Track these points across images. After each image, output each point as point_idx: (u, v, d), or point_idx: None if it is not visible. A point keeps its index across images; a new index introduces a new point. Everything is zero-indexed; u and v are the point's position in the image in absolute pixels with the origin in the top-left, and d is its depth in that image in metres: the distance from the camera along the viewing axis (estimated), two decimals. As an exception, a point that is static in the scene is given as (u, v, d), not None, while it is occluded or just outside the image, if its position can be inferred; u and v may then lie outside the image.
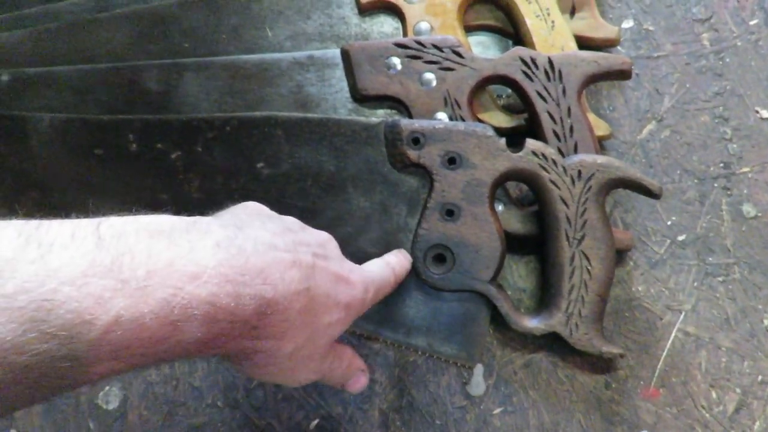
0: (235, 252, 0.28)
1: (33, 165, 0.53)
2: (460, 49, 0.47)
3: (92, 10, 0.58)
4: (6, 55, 0.57)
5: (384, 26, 0.52)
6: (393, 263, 0.41)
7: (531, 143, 0.43)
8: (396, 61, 0.48)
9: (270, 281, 0.28)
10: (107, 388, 0.47)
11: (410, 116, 0.48)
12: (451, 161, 0.44)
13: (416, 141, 0.44)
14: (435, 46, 0.47)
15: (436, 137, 0.44)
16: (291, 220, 0.36)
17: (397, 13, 0.51)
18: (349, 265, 0.36)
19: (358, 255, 0.46)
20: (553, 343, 0.45)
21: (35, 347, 0.21)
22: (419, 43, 0.47)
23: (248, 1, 0.54)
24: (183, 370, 0.47)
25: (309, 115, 0.47)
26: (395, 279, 0.41)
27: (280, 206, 0.47)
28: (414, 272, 0.45)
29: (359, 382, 0.40)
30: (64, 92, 0.54)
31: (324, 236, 0.36)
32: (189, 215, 0.48)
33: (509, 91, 0.51)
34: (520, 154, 0.43)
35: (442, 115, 0.47)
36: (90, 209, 0.51)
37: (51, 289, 0.22)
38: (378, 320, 0.46)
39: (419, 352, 0.46)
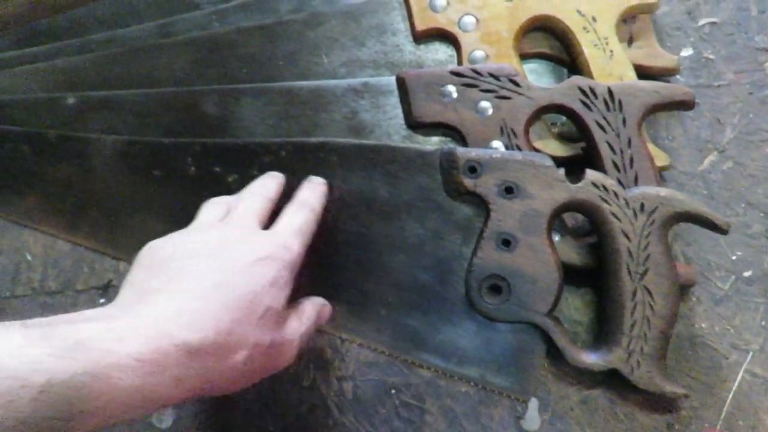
0: (147, 312, 0.31)
1: (94, 185, 0.54)
2: (516, 78, 0.47)
3: (155, 36, 0.60)
4: (72, 78, 0.60)
5: (438, 54, 0.53)
6: (305, 197, 0.43)
7: (591, 174, 0.42)
8: (451, 89, 0.48)
9: (183, 322, 0.31)
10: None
11: (465, 144, 0.48)
12: (508, 191, 0.43)
13: (472, 169, 0.44)
14: (491, 75, 0.47)
15: (492, 166, 0.43)
16: (192, 241, 0.37)
17: (452, 41, 0.52)
18: (258, 241, 0.37)
19: (410, 283, 0.46)
20: (611, 380, 0.43)
21: None
22: (475, 71, 0.47)
23: (304, 28, 0.55)
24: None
25: (363, 141, 0.48)
26: (314, 213, 0.42)
27: (333, 231, 0.48)
28: (467, 301, 0.44)
29: (326, 313, 0.43)
30: (127, 115, 0.56)
31: (226, 229, 0.38)
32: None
33: (563, 118, 0.51)
34: (580, 185, 0.42)
35: (497, 144, 0.47)
36: (148, 229, 0.53)
37: None
38: (429, 348, 0.46)
39: (471, 383, 0.46)
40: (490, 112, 0.47)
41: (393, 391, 0.46)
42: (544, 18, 0.50)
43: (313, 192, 0.44)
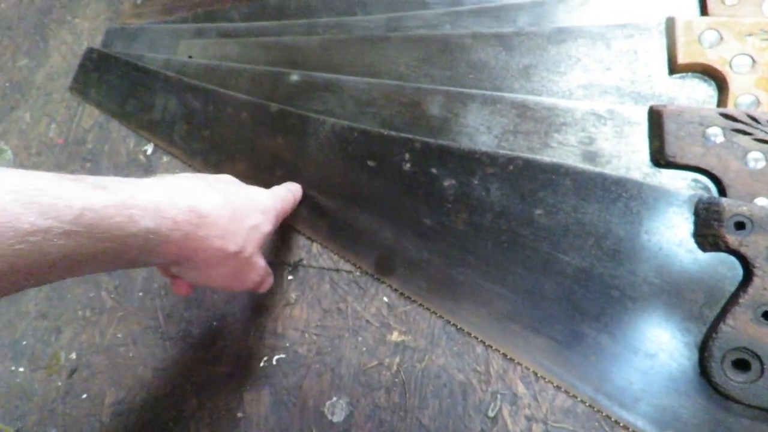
0: (169, 180, 0.39)
1: (305, 163, 0.55)
2: (803, 134, 0.41)
3: (383, 28, 0.60)
4: (296, 57, 0.61)
5: (695, 92, 0.48)
6: (290, 186, 0.52)
7: None
8: (717, 131, 0.43)
9: (196, 197, 0.38)
10: (334, 398, 0.46)
11: (721, 195, 0.43)
12: (783, 258, 0.37)
13: (740, 226, 0.39)
14: (772, 125, 0.42)
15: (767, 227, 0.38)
16: (197, 173, 0.47)
17: (717, 80, 0.47)
18: (253, 187, 0.46)
19: (632, 335, 0.42)
20: None
21: (32, 220, 0.28)
22: (752, 117, 0.42)
23: (546, 43, 0.52)
24: (413, 403, 0.45)
25: (606, 171, 0.44)
26: (293, 197, 0.51)
27: (549, 259, 0.44)
28: (701, 371, 0.39)
29: (269, 283, 0.48)
30: (347, 101, 0.56)
31: (225, 175, 0.46)
32: (448, 246, 0.47)
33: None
34: None
35: (763, 202, 0.41)
36: (349, 217, 0.52)
37: (39, 188, 0.29)
38: (641, 412, 0.41)
39: (684, 463, 0.40)
40: (762, 165, 0.42)
41: (590, 448, 0.42)
42: (840, 72, 0.44)
43: (296, 187, 0.53)
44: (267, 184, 0.56)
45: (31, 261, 0.29)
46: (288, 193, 0.50)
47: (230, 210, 0.40)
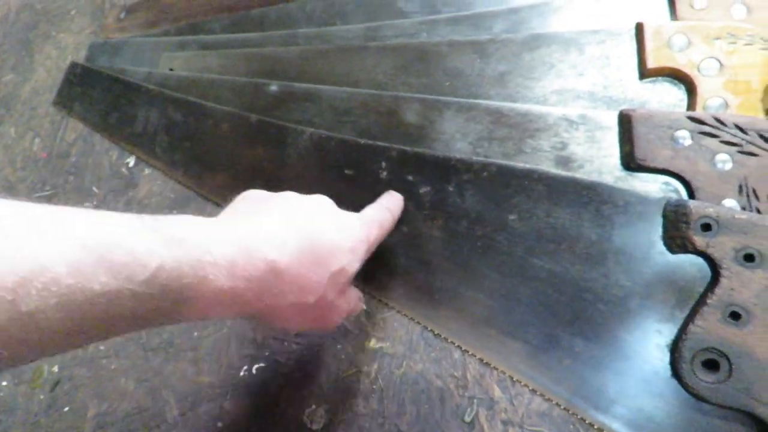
0: (248, 224, 0.35)
1: (285, 173, 0.55)
2: (769, 135, 0.41)
3: (361, 38, 0.61)
4: (276, 67, 0.62)
5: (665, 95, 0.48)
6: (387, 203, 0.46)
7: None
8: (685, 134, 0.43)
9: (275, 247, 0.34)
10: (314, 406, 0.47)
11: (691, 197, 0.43)
12: (749, 258, 0.38)
13: (707, 227, 0.39)
14: (738, 127, 0.42)
15: (733, 228, 0.38)
16: (287, 196, 0.40)
17: (687, 83, 0.47)
18: (345, 215, 0.41)
19: (606, 337, 0.42)
20: None
21: (104, 281, 0.25)
22: (718, 120, 0.43)
23: (521, 49, 0.53)
24: (391, 410, 0.45)
25: (578, 176, 0.45)
26: (392, 216, 0.46)
27: (524, 264, 0.45)
28: (672, 372, 0.39)
29: (359, 307, 0.46)
30: (325, 110, 0.56)
31: (318, 198, 0.41)
32: (425, 253, 0.48)
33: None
34: (844, 268, 0.36)
35: (731, 203, 0.42)
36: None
37: (114, 242, 0.26)
38: (616, 414, 0.41)
39: (660, 464, 0.40)
40: (729, 167, 0.42)
41: (566, 451, 0.42)
42: (806, 74, 0.44)
43: (392, 200, 0.48)
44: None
45: (97, 322, 0.26)
46: (385, 212, 0.45)
47: (312, 257, 0.35)
